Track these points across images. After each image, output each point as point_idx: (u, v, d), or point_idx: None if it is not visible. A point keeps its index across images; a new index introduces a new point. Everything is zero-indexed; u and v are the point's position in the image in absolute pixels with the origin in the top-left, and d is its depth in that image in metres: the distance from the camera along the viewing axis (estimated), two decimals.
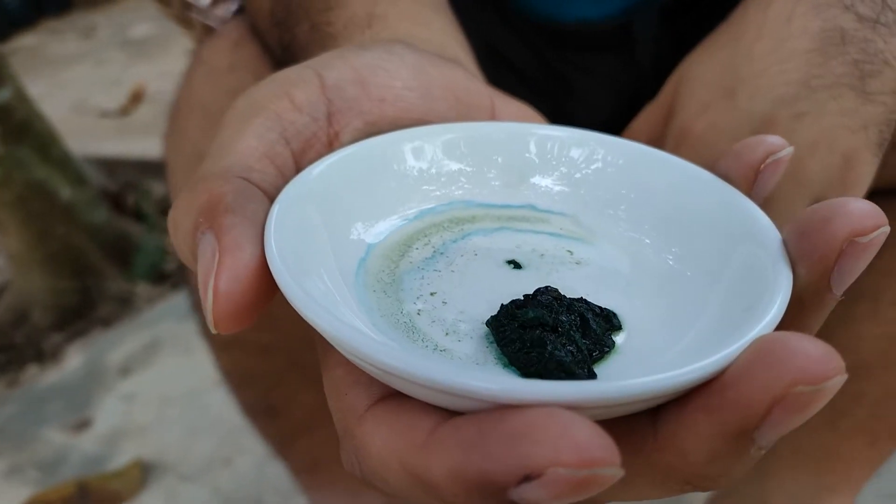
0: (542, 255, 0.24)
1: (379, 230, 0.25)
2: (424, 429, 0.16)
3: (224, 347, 0.58)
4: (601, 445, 0.14)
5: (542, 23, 0.54)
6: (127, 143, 1.65)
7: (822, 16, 0.36)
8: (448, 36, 0.35)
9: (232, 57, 0.46)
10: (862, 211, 0.19)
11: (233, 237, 0.19)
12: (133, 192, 1.40)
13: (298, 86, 0.24)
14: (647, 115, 0.43)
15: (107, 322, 1.16)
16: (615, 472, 0.14)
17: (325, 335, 0.18)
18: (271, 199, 0.22)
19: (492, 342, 0.21)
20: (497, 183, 0.27)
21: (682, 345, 0.20)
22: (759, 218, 0.22)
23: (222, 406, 0.97)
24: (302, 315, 0.18)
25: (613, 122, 0.39)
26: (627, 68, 0.56)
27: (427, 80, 0.26)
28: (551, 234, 0.25)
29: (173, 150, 0.49)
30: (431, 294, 0.22)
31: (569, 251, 0.25)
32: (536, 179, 0.27)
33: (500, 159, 0.27)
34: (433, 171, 0.26)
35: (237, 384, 0.61)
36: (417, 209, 0.26)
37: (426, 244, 0.24)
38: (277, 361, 0.57)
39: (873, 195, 0.35)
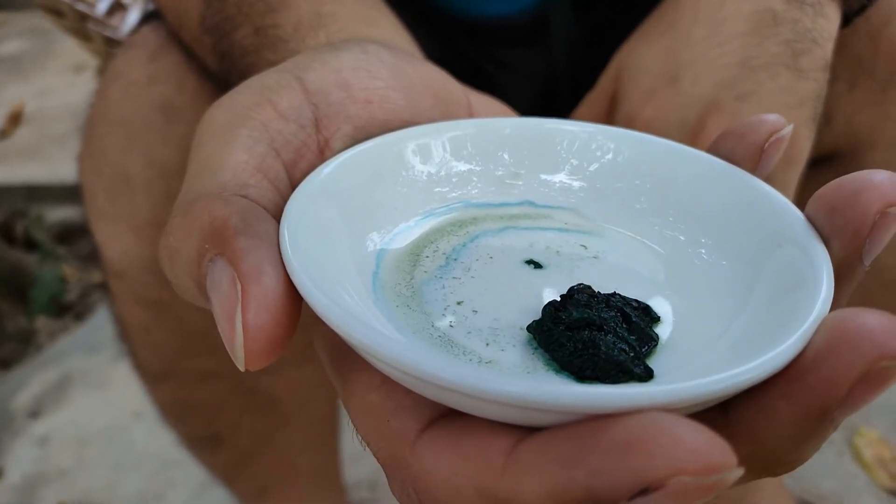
0: (558, 251, 0.24)
1: (386, 240, 0.23)
2: (500, 449, 0.15)
3: (158, 379, 0.55)
4: (720, 449, 0.13)
5: (458, 18, 0.54)
6: (9, 169, 1.53)
7: None
8: (398, 35, 0.34)
9: (150, 68, 0.43)
10: (891, 182, 0.19)
11: (252, 262, 0.18)
12: (22, 220, 1.30)
13: (279, 92, 0.22)
14: (590, 105, 0.43)
15: (7, 363, 1.07)
16: (736, 473, 0.13)
17: (382, 359, 0.16)
18: (272, 216, 0.20)
19: (536, 348, 0.20)
20: (497, 181, 0.26)
21: (733, 332, 0.19)
22: (777, 198, 0.22)
23: (147, 439, 0.92)
24: (351, 340, 0.16)
25: (533, 115, 0.39)
26: (544, 61, 0.57)
27: (408, 80, 0.25)
28: (558, 229, 0.25)
29: (91, 171, 0.45)
30: (458, 303, 0.21)
31: (582, 245, 0.24)
32: (542, 174, 0.26)
33: (506, 156, 0.26)
34: (442, 172, 0.25)
35: (176, 416, 0.57)
36: (418, 214, 0.24)
37: (435, 251, 0.23)
38: (220, 388, 0.54)
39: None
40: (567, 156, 0.26)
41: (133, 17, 0.65)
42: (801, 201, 0.36)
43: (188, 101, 0.43)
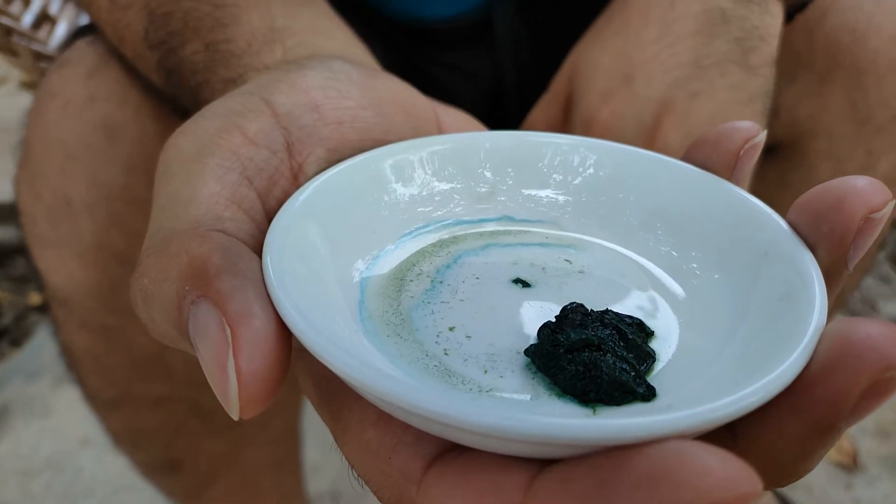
0: (544, 268, 0.23)
1: (369, 265, 0.22)
2: (515, 486, 0.15)
3: (110, 407, 0.53)
4: (748, 476, 0.13)
5: (403, 23, 0.54)
6: None
7: None
8: (353, 45, 0.33)
9: (89, 86, 0.41)
10: (873, 187, 0.19)
11: (239, 303, 0.17)
12: None
13: (248, 116, 0.21)
14: (544, 108, 0.43)
15: None
16: (763, 499, 0.13)
17: (392, 402, 0.15)
18: (250, 248, 0.19)
19: (536, 372, 0.19)
20: (477, 197, 0.25)
21: (734, 346, 0.19)
22: (760, 207, 0.22)
23: (96, 466, 0.88)
24: (351, 381, 0.15)
25: (480, 117, 0.40)
26: (489, 63, 0.57)
27: (377, 97, 0.24)
28: (541, 244, 0.24)
29: (29, 196, 0.43)
30: (450, 329, 0.21)
31: (567, 260, 0.24)
32: (524, 189, 0.26)
33: (487, 172, 0.25)
34: (423, 192, 0.24)
35: (131, 443, 0.55)
36: (399, 236, 0.24)
37: (419, 274, 0.23)
38: (175, 412, 0.52)
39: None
40: (549, 170, 0.26)
41: (62, 29, 0.62)
42: (753, 191, 0.37)
43: (131, 118, 0.41)
